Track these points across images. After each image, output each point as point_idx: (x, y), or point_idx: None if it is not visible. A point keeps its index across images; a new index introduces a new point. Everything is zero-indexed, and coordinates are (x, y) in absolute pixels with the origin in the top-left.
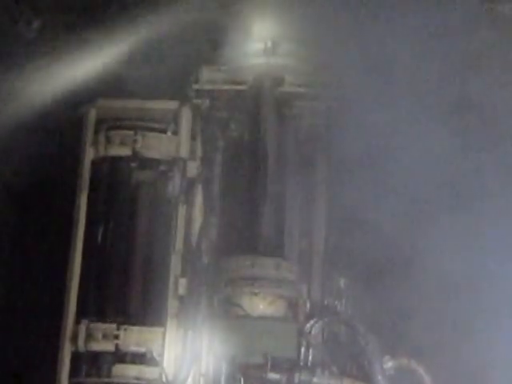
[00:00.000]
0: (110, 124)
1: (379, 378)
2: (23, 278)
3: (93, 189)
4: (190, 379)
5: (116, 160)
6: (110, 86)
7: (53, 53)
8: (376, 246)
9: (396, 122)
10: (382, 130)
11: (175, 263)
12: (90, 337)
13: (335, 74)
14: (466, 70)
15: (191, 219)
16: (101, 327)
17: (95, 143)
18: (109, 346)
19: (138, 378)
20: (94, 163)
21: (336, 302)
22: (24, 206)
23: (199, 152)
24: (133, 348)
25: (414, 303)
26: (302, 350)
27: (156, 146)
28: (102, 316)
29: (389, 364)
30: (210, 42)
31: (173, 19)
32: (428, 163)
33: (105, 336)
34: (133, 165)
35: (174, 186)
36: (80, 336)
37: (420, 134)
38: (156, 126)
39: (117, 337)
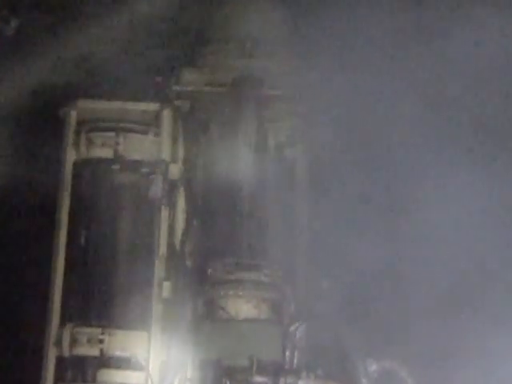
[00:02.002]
0: (91, 125)
1: (364, 381)
2: (6, 282)
3: (74, 191)
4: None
5: (97, 162)
6: (90, 86)
7: (31, 52)
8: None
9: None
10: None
11: (159, 266)
12: (74, 341)
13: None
14: None
15: (174, 222)
16: (85, 331)
17: (76, 144)
18: (93, 351)
19: (123, 383)
20: (75, 165)
21: (320, 304)
22: (5, 208)
23: (181, 154)
24: (118, 353)
25: None
26: (287, 352)
27: (138, 148)
28: (86, 320)
29: (373, 367)
30: (190, 43)
31: (153, 19)
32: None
33: (89, 340)
34: (114, 167)
35: (157, 188)
36: (64, 340)
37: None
38: (137, 127)
39: (101, 341)
